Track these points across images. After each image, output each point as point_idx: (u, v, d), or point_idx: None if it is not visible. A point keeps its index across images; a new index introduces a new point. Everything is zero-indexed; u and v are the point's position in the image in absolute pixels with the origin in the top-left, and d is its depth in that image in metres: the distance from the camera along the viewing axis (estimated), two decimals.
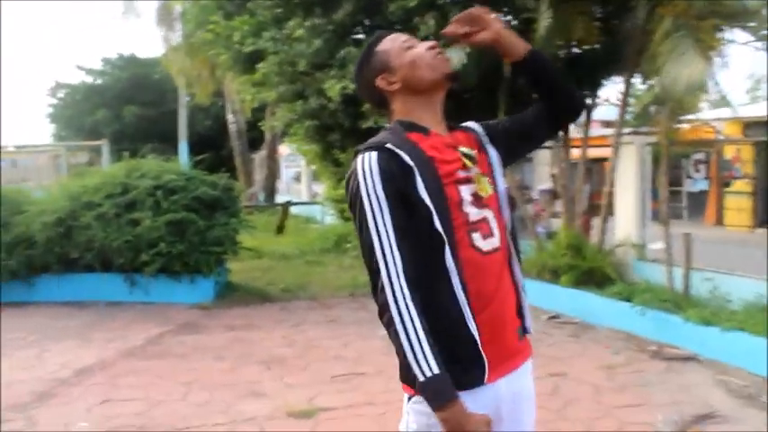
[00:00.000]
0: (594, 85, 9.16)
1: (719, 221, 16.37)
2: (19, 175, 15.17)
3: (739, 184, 16.85)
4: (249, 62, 10.20)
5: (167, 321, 7.46)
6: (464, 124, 2.02)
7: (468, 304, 1.74)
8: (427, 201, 1.72)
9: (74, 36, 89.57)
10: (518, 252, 1.94)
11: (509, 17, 8.45)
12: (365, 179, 1.73)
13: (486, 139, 1.99)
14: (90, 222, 8.23)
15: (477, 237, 1.81)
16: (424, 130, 1.86)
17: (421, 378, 1.64)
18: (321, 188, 15.79)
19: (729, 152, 17.29)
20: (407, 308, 1.66)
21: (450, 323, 1.74)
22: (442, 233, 1.72)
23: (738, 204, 16.54)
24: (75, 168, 13.77)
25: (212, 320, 7.65)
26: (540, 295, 8.03)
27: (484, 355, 1.75)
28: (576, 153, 9.60)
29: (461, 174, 1.84)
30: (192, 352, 6.37)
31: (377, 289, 1.70)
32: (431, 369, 1.63)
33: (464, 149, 1.89)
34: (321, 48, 8.84)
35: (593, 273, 7.95)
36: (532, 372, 1.99)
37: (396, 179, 1.73)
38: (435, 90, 1.91)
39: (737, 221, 16.08)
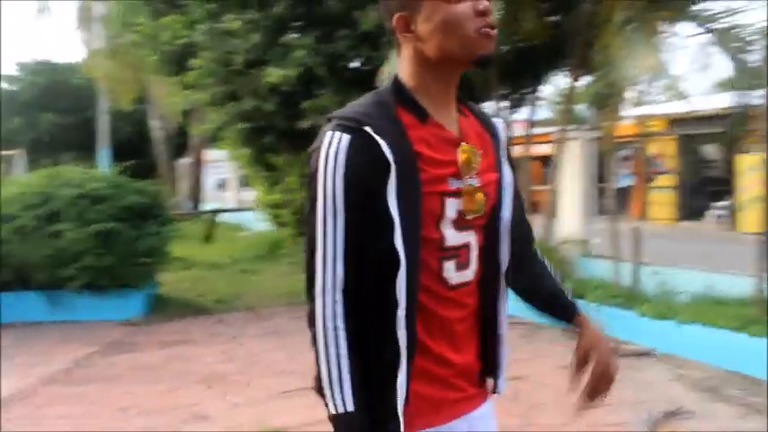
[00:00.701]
0: (540, 79, 9.09)
1: (643, 215, 16.74)
2: None
3: (663, 179, 17.36)
4: (179, 63, 9.73)
5: (95, 341, 6.88)
6: (486, 114, 1.63)
7: (410, 350, 1.41)
8: (393, 211, 1.36)
9: None
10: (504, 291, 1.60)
11: None
12: (326, 166, 1.38)
13: (503, 153, 1.60)
14: (6, 237, 7.59)
15: (449, 266, 1.47)
16: (421, 114, 1.45)
17: (333, 411, 1.38)
18: (252, 194, 15.35)
19: (654, 148, 17.77)
20: (335, 329, 1.38)
21: (378, 369, 1.42)
22: (401, 254, 1.36)
23: (661, 199, 17.03)
24: None
25: (144, 337, 7.15)
26: None
27: (401, 418, 1.40)
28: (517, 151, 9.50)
29: (452, 183, 1.45)
30: (124, 373, 5.88)
31: (309, 295, 1.41)
32: (345, 405, 1.37)
33: (468, 149, 1.48)
34: (258, 42, 8.46)
35: None
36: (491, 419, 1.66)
37: (363, 177, 1.37)
38: (455, 67, 1.47)
39: (661, 215, 16.57)
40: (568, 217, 8.66)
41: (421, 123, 1.44)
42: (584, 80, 9.01)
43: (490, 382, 1.63)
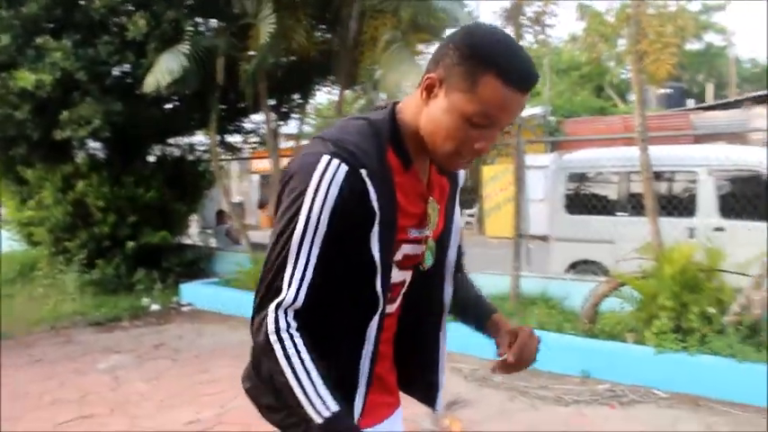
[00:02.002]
0: (307, 94, 9.29)
1: None
2: None
3: None
4: None
5: None
6: None
7: (369, 378, 1.52)
8: (376, 257, 1.40)
9: None
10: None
11: (225, 24, 8.21)
12: (317, 190, 1.35)
13: (457, 197, 1.69)
14: None
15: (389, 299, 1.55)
16: (407, 161, 1.47)
17: (319, 420, 1.35)
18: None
19: None
20: (292, 338, 1.37)
21: (342, 376, 1.48)
22: (380, 297, 1.43)
23: None
24: None
25: None
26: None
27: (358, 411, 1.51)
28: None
29: (412, 234, 1.51)
30: None
31: (260, 307, 1.40)
32: (328, 407, 1.36)
33: (433, 203, 1.55)
34: (8, 44, 7.73)
35: None
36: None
37: (351, 216, 1.37)
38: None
39: None
40: None
41: (404, 171, 1.46)
42: (352, 95, 9.43)
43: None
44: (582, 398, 5.04)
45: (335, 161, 1.35)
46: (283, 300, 1.37)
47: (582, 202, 8.31)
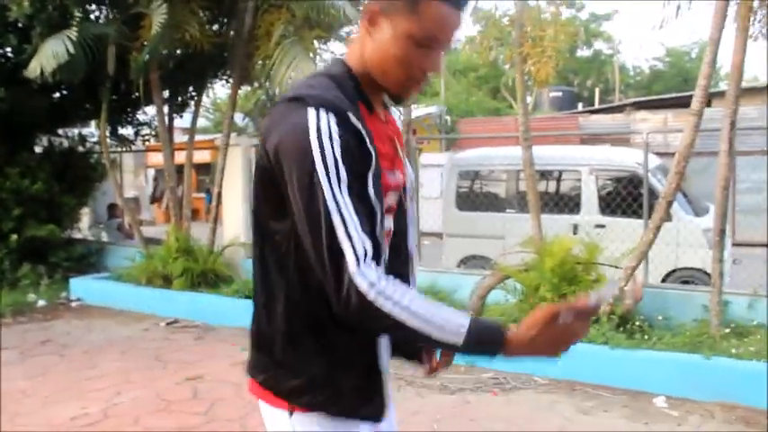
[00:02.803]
0: (201, 87, 9.17)
1: None
2: None
3: None
4: None
5: None
6: (391, 106, 1.67)
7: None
8: (374, 203, 1.39)
9: None
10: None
11: (116, 12, 7.99)
12: (321, 144, 1.32)
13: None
14: None
15: (386, 248, 1.55)
16: (369, 106, 1.48)
17: (457, 340, 1.31)
18: None
19: None
20: (390, 285, 1.31)
21: (369, 344, 1.50)
22: (381, 244, 1.41)
23: None
24: None
25: None
26: (154, 302, 7.86)
27: (386, 394, 1.54)
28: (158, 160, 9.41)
29: (390, 178, 1.51)
30: None
31: (340, 280, 1.31)
32: (461, 323, 1.32)
33: (397, 145, 1.57)
34: None
35: (206, 274, 8.02)
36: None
37: (355, 157, 1.35)
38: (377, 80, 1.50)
39: None
40: (231, 221, 8.92)
41: (369, 116, 1.47)
42: (246, 89, 9.37)
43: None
44: (466, 385, 5.27)
45: (323, 111, 1.34)
46: (354, 257, 1.31)
47: (472, 199, 8.60)
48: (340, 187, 1.32)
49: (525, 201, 6.63)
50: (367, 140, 1.37)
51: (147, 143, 10.86)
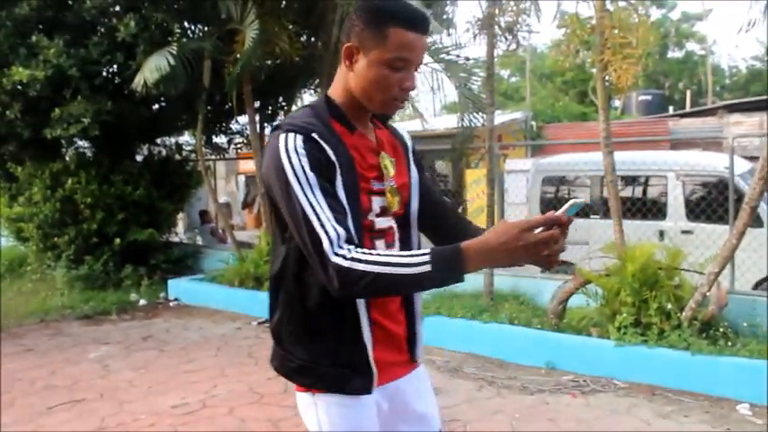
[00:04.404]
0: (291, 97, 9.55)
1: None
2: None
3: None
4: None
5: None
6: (394, 126, 1.97)
7: (367, 309, 1.74)
8: (343, 201, 1.65)
9: None
10: None
11: (212, 28, 8.45)
12: (289, 156, 1.62)
13: (411, 157, 1.95)
14: None
15: (380, 244, 1.80)
16: (350, 126, 1.76)
17: (429, 267, 1.52)
18: None
19: None
20: (363, 255, 1.56)
21: (347, 324, 1.72)
22: (353, 233, 1.63)
23: None
24: None
25: None
26: (246, 302, 8.20)
27: (374, 365, 1.74)
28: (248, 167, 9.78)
29: (376, 185, 1.78)
30: None
31: (322, 262, 1.57)
32: (423, 252, 1.55)
33: (386, 157, 1.82)
34: (0, 43, 7.95)
35: None
36: (428, 378, 2.04)
37: (321, 166, 1.63)
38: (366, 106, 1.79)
39: None
40: None
41: (350, 133, 1.75)
42: None
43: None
44: (546, 387, 5.35)
45: (291, 134, 1.66)
46: (329, 241, 1.56)
47: (556, 205, 8.59)
48: (312, 190, 1.60)
49: (609, 206, 6.61)
50: (330, 153, 1.65)
51: (238, 151, 11.34)
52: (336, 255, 1.55)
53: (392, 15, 1.65)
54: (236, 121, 10.87)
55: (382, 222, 1.81)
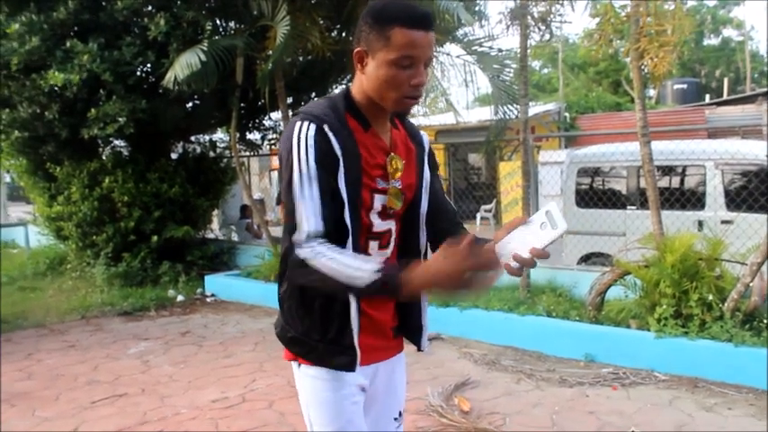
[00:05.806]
0: (323, 92, 9.57)
1: None
2: None
3: None
4: None
5: None
6: (415, 126, 2.04)
7: (358, 306, 1.82)
8: (343, 193, 1.75)
9: None
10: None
11: (243, 25, 8.50)
12: (299, 146, 1.73)
13: (425, 158, 2.02)
14: None
15: (373, 245, 1.89)
16: (365, 123, 1.84)
17: (367, 281, 1.62)
18: (23, 208, 14.25)
19: None
20: (324, 253, 1.68)
21: (337, 307, 1.81)
22: (349, 226, 1.76)
23: None
24: None
25: None
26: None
27: (357, 347, 1.83)
28: None
29: (380, 184, 1.86)
30: None
31: (291, 247, 1.73)
32: (370, 270, 1.63)
33: (395, 158, 1.89)
34: (38, 46, 8.08)
35: None
36: (404, 364, 2.15)
37: (325, 159, 1.73)
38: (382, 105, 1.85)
39: None
40: None
41: (364, 130, 1.83)
42: None
43: (404, 339, 2.09)
44: (585, 380, 5.30)
45: (306, 122, 1.75)
46: (304, 232, 1.71)
47: (591, 196, 8.52)
48: (310, 182, 1.72)
49: (646, 197, 6.53)
50: (337, 146, 1.74)
51: (272, 147, 11.41)
52: (303, 247, 1.70)
53: (393, 16, 1.71)
54: (269, 118, 10.94)
55: (381, 225, 1.90)
